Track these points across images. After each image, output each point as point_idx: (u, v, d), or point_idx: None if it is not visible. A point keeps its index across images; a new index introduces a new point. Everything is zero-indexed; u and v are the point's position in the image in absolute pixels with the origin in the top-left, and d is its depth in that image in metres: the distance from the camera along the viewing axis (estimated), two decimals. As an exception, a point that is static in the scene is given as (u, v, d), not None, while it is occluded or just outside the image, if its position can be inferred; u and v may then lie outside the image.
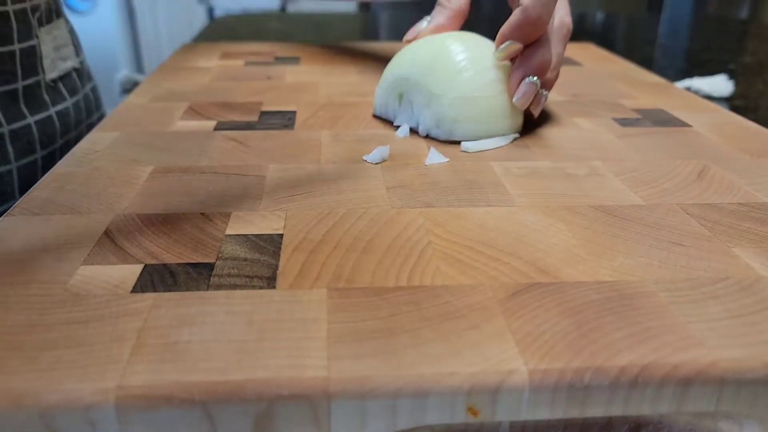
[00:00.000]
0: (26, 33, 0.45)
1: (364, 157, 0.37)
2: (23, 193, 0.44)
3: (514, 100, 0.39)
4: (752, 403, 0.21)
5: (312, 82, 0.55)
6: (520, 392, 0.20)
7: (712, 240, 0.28)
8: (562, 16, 0.42)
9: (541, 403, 0.20)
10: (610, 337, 0.21)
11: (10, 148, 0.43)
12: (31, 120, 0.45)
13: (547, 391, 0.20)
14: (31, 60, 0.46)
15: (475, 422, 0.20)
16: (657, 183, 0.34)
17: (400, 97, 0.42)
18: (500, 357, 0.20)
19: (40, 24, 0.47)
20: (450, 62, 0.39)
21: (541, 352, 0.20)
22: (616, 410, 0.20)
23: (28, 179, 0.45)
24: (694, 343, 0.21)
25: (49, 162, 0.47)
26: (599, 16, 1.43)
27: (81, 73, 0.54)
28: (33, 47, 0.46)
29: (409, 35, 0.44)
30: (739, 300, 0.24)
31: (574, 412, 0.20)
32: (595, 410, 0.20)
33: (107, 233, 0.28)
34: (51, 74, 0.48)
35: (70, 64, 0.52)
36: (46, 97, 0.47)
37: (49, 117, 0.47)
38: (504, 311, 0.23)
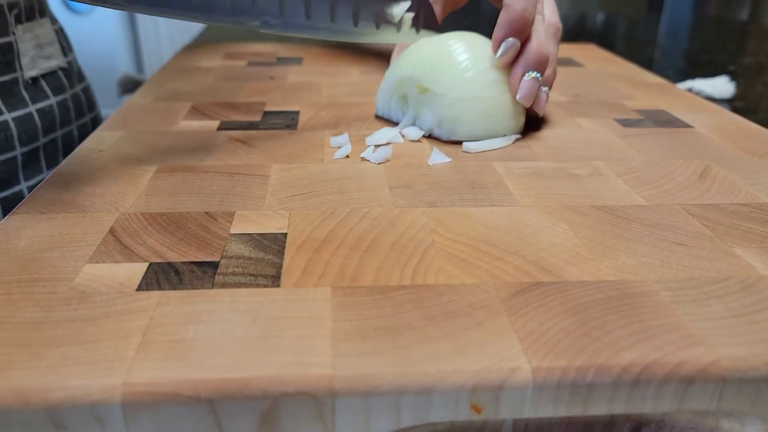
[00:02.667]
0: (2, 29, 0.45)
1: (367, 157, 0.37)
2: (2, 190, 0.44)
3: (517, 97, 0.39)
4: (754, 401, 0.21)
5: (315, 82, 0.55)
6: (523, 390, 0.20)
7: (713, 240, 0.28)
8: (548, 16, 0.42)
9: (544, 401, 0.20)
10: (612, 336, 0.21)
11: None
12: (8, 116, 0.45)
13: (550, 389, 0.20)
14: (8, 56, 0.45)
15: (478, 420, 0.20)
16: (659, 183, 0.34)
17: (403, 97, 0.43)
18: (504, 355, 0.20)
19: (19, 21, 0.47)
20: (452, 62, 0.40)
21: (544, 350, 0.21)
22: (619, 408, 0.20)
23: (8, 175, 0.45)
24: (696, 342, 0.21)
25: (31, 159, 0.47)
26: (599, 17, 1.43)
27: (69, 72, 0.54)
28: (9, 44, 0.45)
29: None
30: (741, 299, 0.24)
31: (577, 410, 0.20)
32: (598, 408, 0.20)
33: (112, 232, 0.28)
34: (30, 72, 0.48)
35: (55, 63, 0.51)
36: (25, 94, 0.47)
37: (29, 114, 0.47)
38: (507, 309, 0.23)
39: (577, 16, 1.52)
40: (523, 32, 0.38)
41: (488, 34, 0.42)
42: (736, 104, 0.61)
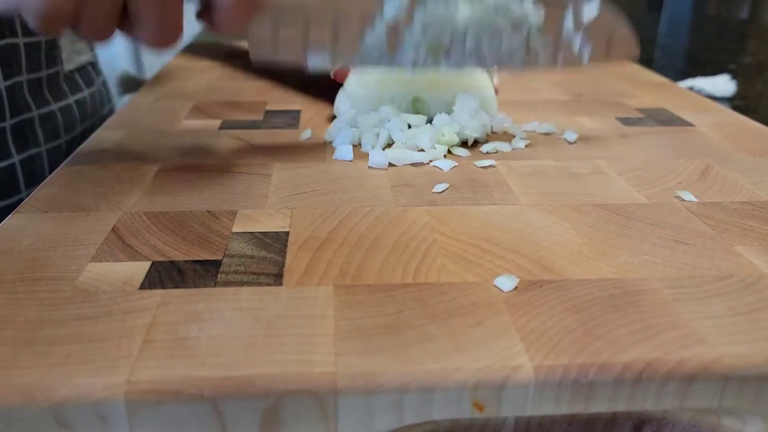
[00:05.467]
0: None
1: (374, 165, 0.36)
2: None
3: None
4: (755, 399, 0.21)
5: (316, 81, 0.55)
6: (525, 388, 0.20)
7: (715, 238, 0.28)
8: None
9: (546, 399, 0.20)
10: (614, 334, 0.21)
11: (39, 132, 0.45)
12: (55, 107, 0.48)
13: (552, 387, 0.20)
14: (53, 51, 0.48)
15: (480, 417, 0.20)
16: (660, 182, 0.34)
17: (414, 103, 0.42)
18: (506, 353, 0.20)
19: None
20: None
21: (546, 348, 0.21)
22: (620, 406, 0.21)
23: (56, 162, 0.47)
24: (697, 340, 0.21)
25: (71, 147, 0.50)
26: (600, 16, 1.43)
27: (95, 66, 0.57)
28: (54, 40, 0.48)
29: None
30: (743, 297, 0.24)
31: (579, 408, 0.20)
32: (600, 406, 0.20)
33: (115, 231, 0.28)
34: (68, 66, 0.51)
35: (85, 58, 0.55)
36: (65, 87, 0.50)
37: (69, 105, 0.50)
38: (509, 308, 0.23)
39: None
40: None
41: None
42: (736, 103, 0.61)
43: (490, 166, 0.36)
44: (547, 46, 0.38)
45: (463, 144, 0.39)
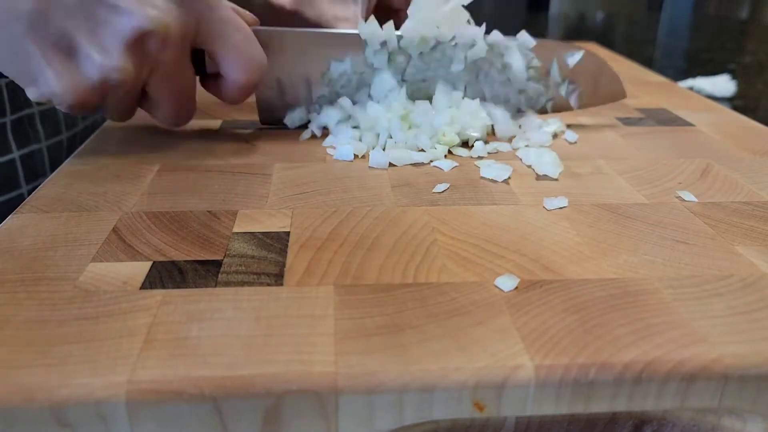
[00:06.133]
0: None
1: (374, 165, 0.36)
2: (53, 171, 0.47)
3: None
4: (755, 398, 0.21)
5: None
6: (525, 387, 0.20)
7: (715, 238, 0.28)
8: None
9: (547, 399, 0.20)
10: (614, 334, 0.21)
11: (40, 128, 0.46)
12: None
13: (552, 387, 0.20)
14: None
15: (480, 417, 0.20)
16: (660, 182, 0.34)
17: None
18: (506, 353, 0.20)
19: None
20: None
21: (546, 347, 0.21)
22: (621, 406, 0.21)
23: (56, 158, 0.48)
24: (697, 340, 0.21)
25: (72, 143, 0.50)
26: (599, 16, 1.43)
27: None
28: None
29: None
30: (743, 297, 0.24)
31: (579, 408, 0.20)
32: (600, 405, 0.20)
33: (115, 231, 0.28)
34: None
35: None
36: None
37: None
38: (509, 308, 0.23)
39: (577, 15, 1.52)
40: None
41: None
42: (736, 103, 0.61)
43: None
44: (538, 93, 0.43)
45: (464, 144, 0.39)
